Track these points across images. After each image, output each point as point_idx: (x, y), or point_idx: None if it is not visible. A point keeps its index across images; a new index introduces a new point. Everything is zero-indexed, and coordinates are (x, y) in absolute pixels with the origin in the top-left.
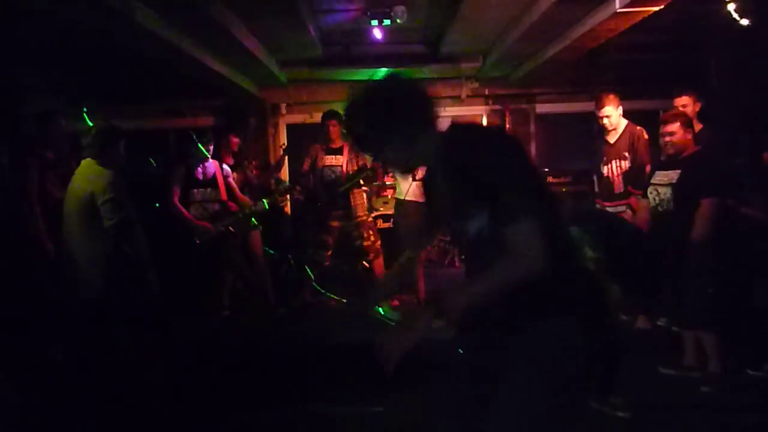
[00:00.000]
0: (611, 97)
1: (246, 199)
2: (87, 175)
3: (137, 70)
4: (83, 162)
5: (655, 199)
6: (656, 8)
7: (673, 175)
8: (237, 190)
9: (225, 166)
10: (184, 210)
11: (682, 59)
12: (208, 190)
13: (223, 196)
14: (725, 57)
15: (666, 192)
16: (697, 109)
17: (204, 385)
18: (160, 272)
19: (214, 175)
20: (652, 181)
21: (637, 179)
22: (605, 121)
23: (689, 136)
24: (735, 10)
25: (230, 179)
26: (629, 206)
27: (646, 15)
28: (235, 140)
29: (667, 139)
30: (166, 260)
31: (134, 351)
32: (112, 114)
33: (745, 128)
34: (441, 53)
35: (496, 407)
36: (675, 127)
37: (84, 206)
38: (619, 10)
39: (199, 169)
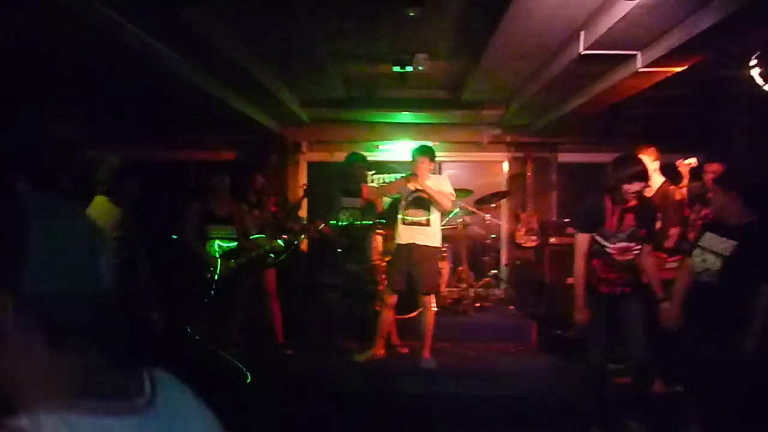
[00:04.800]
0: (648, 148)
1: (262, 238)
2: (99, 211)
3: (159, 101)
4: (96, 198)
5: (700, 265)
6: (678, 69)
7: (727, 244)
8: (254, 228)
9: (243, 204)
10: (198, 245)
11: (705, 116)
12: (225, 226)
13: (239, 234)
14: (748, 120)
15: (716, 262)
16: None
17: None
18: (172, 306)
19: (231, 212)
20: (701, 243)
21: (659, 240)
22: None
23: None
24: (759, 75)
25: (247, 217)
26: None
27: (667, 75)
28: (260, 179)
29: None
30: (178, 294)
31: None
32: (133, 145)
33: None
34: (463, 99)
35: None
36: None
37: None
38: (640, 70)
39: (217, 205)
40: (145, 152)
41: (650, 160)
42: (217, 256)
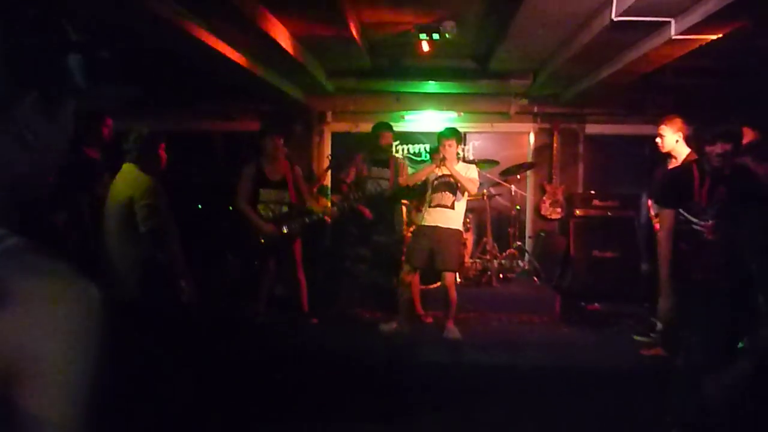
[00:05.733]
0: (673, 119)
1: (315, 203)
2: (127, 179)
3: (184, 71)
4: (124, 166)
5: None
6: (713, 37)
7: None
8: (307, 192)
9: (297, 167)
10: (251, 209)
11: (741, 87)
12: (278, 191)
13: (293, 198)
14: None
15: None
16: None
17: (225, 394)
18: (204, 273)
19: (284, 176)
20: None
21: None
22: (657, 140)
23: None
24: None
25: (300, 180)
26: None
27: (702, 43)
28: (285, 149)
29: None
30: (212, 262)
31: (161, 360)
32: (159, 115)
33: None
34: (491, 69)
35: None
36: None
37: (122, 210)
38: (674, 37)
39: (270, 168)
40: (170, 122)
41: (672, 131)
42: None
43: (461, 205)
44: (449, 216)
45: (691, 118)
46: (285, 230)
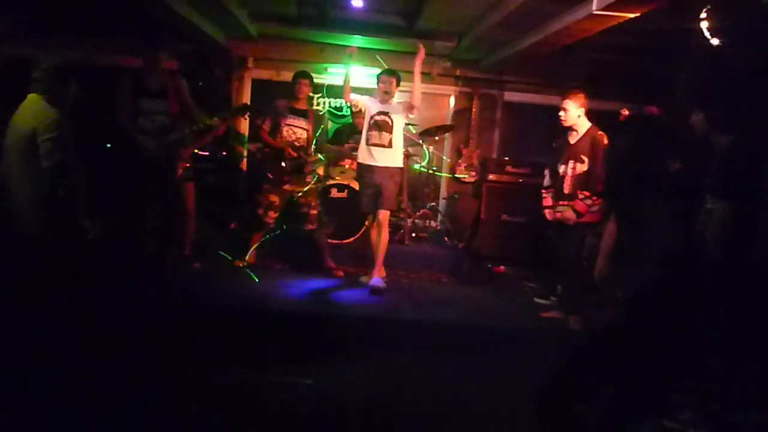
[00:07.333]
0: (576, 93)
1: (200, 113)
2: (32, 110)
3: (100, 2)
4: (30, 96)
5: None
6: (632, 15)
7: None
8: (191, 101)
9: (179, 80)
10: (131, 121)
11: (654, 66)
12: (157, 101)
13: (173, 108)
14: (692, 74)
15: None
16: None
17: (123, 340)
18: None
19: (164, 86)
20: None
21: (588, 183)
22: (561, 113)
23: None
24: (707, 29)
25: (183, 90)
26: (572, 207)
27: (621, 20)
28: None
29: None
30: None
31: (61, 297)
32: (69, 43)
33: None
34: (417, 28)
35: None
36: None
37: (24, 142)
38: (595, 12)
39: (147, 78)
40: (82, 55)
41: (575, 106)
42: None
43: (398, 143)
44: (388, 155)
45: (603, 93)
46: (168, 141)
